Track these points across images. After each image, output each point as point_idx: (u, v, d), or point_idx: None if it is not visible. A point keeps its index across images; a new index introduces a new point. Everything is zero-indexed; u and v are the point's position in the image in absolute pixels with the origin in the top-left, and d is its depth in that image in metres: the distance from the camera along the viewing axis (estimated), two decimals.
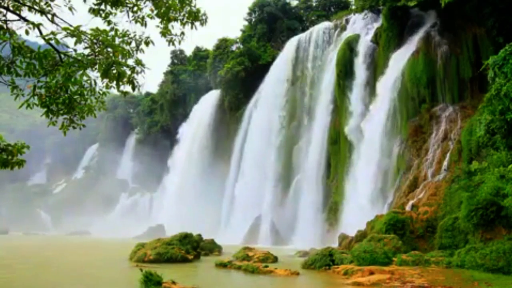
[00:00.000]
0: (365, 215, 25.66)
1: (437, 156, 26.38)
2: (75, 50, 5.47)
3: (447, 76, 28.98)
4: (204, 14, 7.13)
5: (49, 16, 5.84)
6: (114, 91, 6.07)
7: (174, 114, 67.70)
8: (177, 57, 71.22)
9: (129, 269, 19.60)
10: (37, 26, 5.36)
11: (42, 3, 6.05)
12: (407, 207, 24.04)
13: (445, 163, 25.30)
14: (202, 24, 7.15)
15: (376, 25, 36.98)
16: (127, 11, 6.71)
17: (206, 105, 58.14)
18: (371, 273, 15.20)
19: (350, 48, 36.55)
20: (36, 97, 5.69)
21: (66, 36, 5.25)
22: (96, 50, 5.42)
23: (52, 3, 6.07)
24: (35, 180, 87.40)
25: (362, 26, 39.24)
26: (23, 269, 19.66)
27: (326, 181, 36.92)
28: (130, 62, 5.71)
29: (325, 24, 45.60)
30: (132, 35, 6.34)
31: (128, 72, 5.59)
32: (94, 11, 6.44)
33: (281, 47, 50.25)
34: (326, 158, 37.17)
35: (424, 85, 29.25)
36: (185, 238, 23.68)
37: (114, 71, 5.41)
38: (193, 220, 40.11)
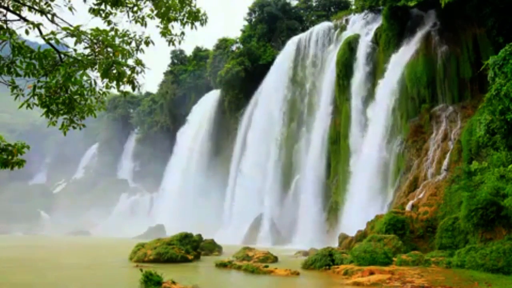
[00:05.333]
0: (365, 215, 25.66)
1: (437, 156, 26.37)
2: (75, 50, 5.46)
3: (447, 76, 28.97)
4: (204, 14, 7.13)
5: (49, 16, 5.83)
6: (114, 91, 6.08)
7: (174, 114, 67.75)
8: (177, 57, 71.24)
9: (129, 269, 19.60)
10: (37, 26, 5.35)
11: (42, 3, 6.05)
12: (407, 207, 24.04)
13: (445, 163, 25.29)
14: (202, 24, 7.14)
15: (376, 25, 36.97)
16: (127, 11, 6.71)
17: (206, 105, 58.17)
18: (371, 273, 15.20)
19: (350, 48, 36.55)
20: (36, 97, 5.69)
21: (66, 36, 5.25)
22: (96, 50, 5.42)
23: (52, 3, 6.07)
24: (35, 180, 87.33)
25: (362, 26, 39.24)
26: (23, 269, 19.66)
27: (326, 181, 36.91)
28: (130, 62, 5.71)
29: (325, 24, 45.60)
30: (132, 35, 6.33)
31: (128, 72, 5.58)
32: (94, 11, 6.43)
33: (281, 47, 50.27)
34: (326, 158, 37.16)
35: (424, 85, 29.24)
36: (185, 238, 23.69)
37: (114, 71, 5.41)
38: (193, 220, 40.15)
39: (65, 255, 27.29)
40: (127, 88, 5.90)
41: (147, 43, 6.46)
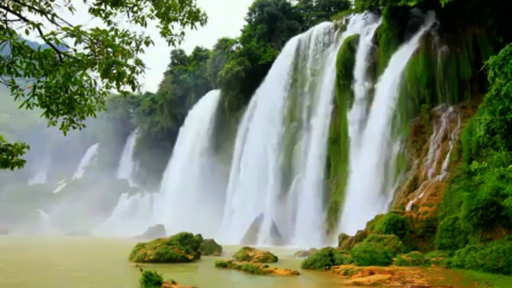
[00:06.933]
0: (365, 215, 25.65)
1: (437, 156, 26.38)
2: (75, 50, 5.46)
3: (447, 76, 28.98)
4: (204, 14, 7.13)
5: (49, 16, 5.83)
6: (114, 91, 6.06)
7: (174, 114, 67.71)
8: (177, 57, 71.18)
9: (129, 269, 19.61)
10: (37, 26, 5.35)
11: (42, 3, 6.05)
12: (407, 207, 24.05)
13: (445, 163, 25.30)
14: (202, 24, 7.14)
15: (376, 25, 36.97)
16: (127, 11, 6.70)
17: (206, 105, 58.14)
18: (371, 273, 15.20)
19: (350, 48, 36.55)
20: (36, 97, 5.68)
21: (66, 36, 5.24)
22: (96, 50, 5.41)
23: (52, 3, 6.07)
24: (35, 180, 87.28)
25: (362, 26, 39.23)
26: (23, 269, 19.66)
27: (326, 181, 36.92)
28: (130, 62, 5.70)
29: (325, 24, 45.60)
30: (132, 35, 6.33)
31: (128, 72, 5.57)
32: (94, 11, 6.43)
33: (281, 47, 50.26)
34: (326, 158, 37.17)
35: (424, 85, 29.25)
36: (185, 238, 23.70)
37: (114, 71, 5.40)
38: (193, 220, 40.09)
39: (65, 255, 27.29)
40: (127, 88, 5.89)
41: (147, 43, 6.45)
